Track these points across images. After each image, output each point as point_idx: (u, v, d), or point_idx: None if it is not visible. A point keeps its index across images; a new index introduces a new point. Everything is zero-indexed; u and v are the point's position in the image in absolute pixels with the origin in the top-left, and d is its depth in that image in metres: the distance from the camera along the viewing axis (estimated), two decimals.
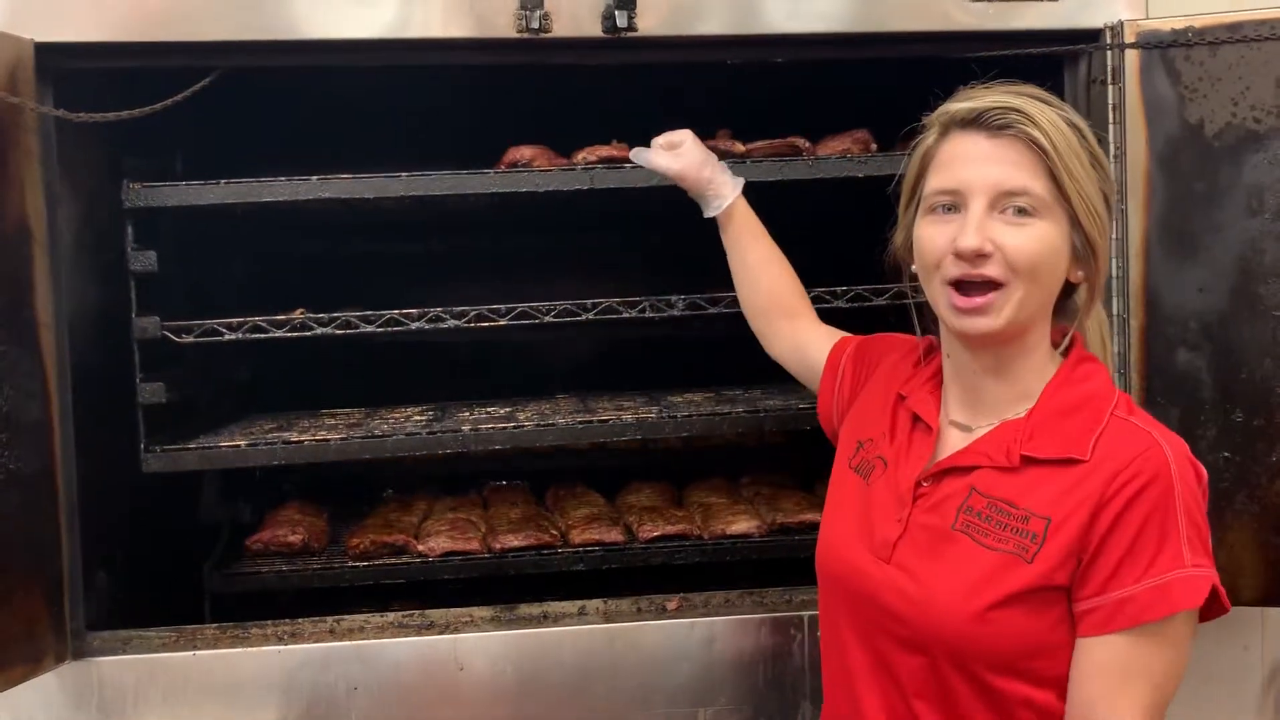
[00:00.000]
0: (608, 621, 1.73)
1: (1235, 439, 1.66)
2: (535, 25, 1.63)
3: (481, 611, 1.73)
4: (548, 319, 1.85)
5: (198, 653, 1.67)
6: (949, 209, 1.21)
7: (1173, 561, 1.12)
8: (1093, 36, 1.72)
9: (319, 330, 1.81)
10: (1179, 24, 1.66)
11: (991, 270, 1.17)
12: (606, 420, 1.90)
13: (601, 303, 1.85)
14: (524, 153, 1.85)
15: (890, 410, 1.37)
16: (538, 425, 1.87)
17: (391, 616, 1.73)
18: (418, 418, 2.07)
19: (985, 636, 1.16)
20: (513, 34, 1.64)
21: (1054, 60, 1.75)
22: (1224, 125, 1.65)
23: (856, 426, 1.43)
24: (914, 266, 1.29)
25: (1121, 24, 1.69)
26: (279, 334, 1.81)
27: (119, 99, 1.63)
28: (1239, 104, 1.65)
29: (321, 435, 1.85)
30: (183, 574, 2.04)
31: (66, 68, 1.61)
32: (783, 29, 1.70)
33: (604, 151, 1.85)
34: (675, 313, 1.88)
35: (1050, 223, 1.18)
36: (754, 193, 1.70)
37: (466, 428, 1.85)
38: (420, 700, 1.68)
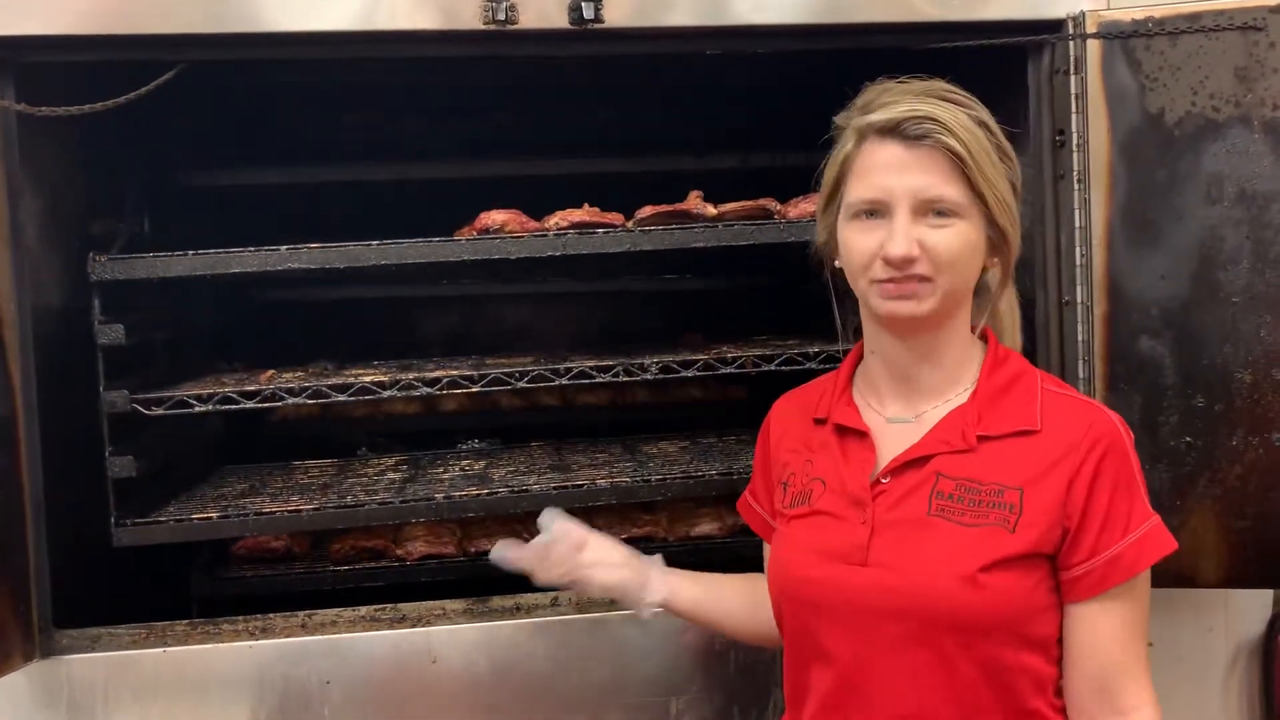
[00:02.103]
0: (580, 612, 1.73)
1: (1197, 424, 1.69)
2: (501, 17, 1.62)
3: (454, 604, 1.73)
4: (521, 384, 1.86)
5: (168, 649, 1.66)
6: (872, 214, 1.26)
7: (1143, 515, 1.24)
8: (1055, 27, 1.73)
9: (290, 400, 1.81)
10: (1139, 14, 1.68)
11: (920, 269, 1.23)
12: (581, 485, 1.92)
13: (574, 367, 1.87)
14: (495, 218, 1.86)
15: (804, 441, 1.41)
16: (511, 492, 1.87)
17: (364, 610, 1.72)
18: (392, 475, 2.10)
19: (980, 601, 1.20)
20: (479, 25, 1.63)
21: (1018, 50, 1.76)
22: (1184, 114, 1.67)
23: (777, 483, 1.45)
24: (837, 262, 1.34)
25: (1083, 14, 1.70)
26: (250, 405, 1.80)
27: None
28: (1198, 93, 1.67)
29: (294, 504, 1.85)
30: (169, 579, 2.05)
31: (26, 61, 1.59)
32: (750, 20, 1.70)
33: (576, 216, 1.86)
34: (648, 376, 1.88)
35: (968, 221, 1.25)
36: (726, 252, 1.76)
37: (440, 495, 1.85)
38: (393, 693, 1.68)
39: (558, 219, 1.86)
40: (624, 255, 1.84)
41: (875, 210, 1.26)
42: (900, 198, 1.23)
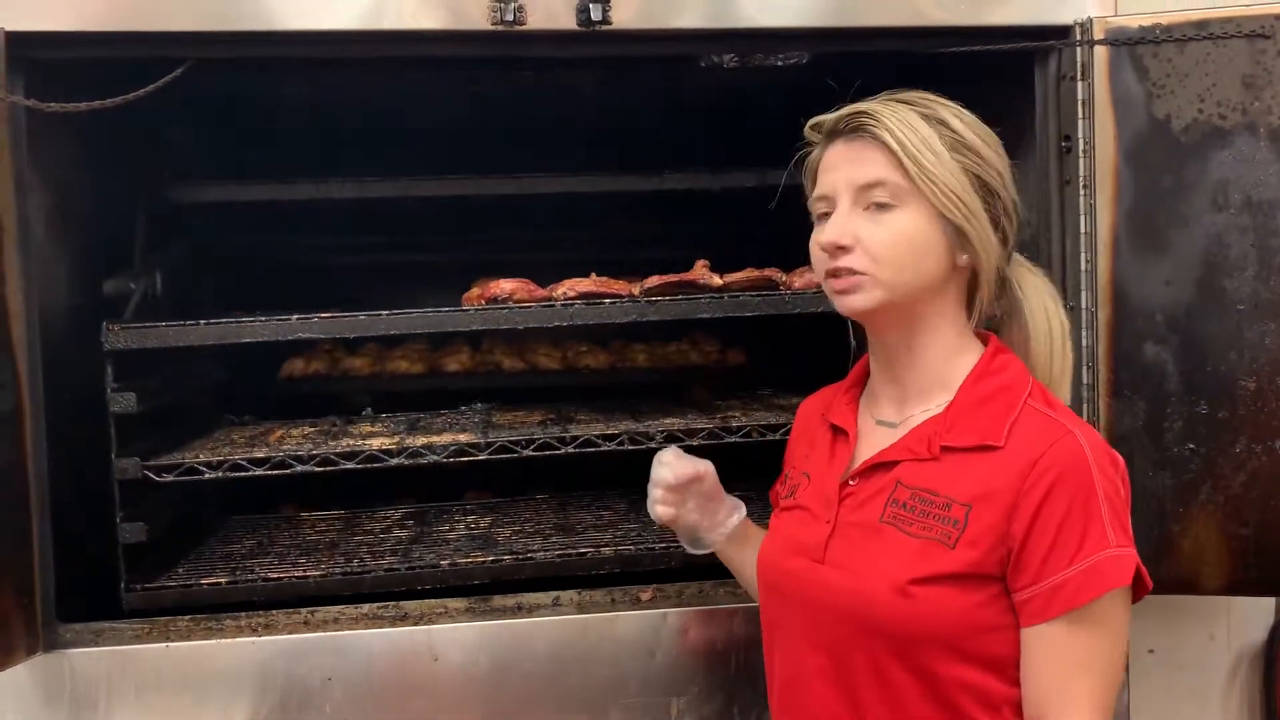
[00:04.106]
0: (581, 612, 1.74)
1: (1200, 431, 1.69)
2: (510, 17, 1.62)
3: (456, 603, 1.74)
4: (527, 452, 1.87)
5: (171, 644, 1.67)
6: (826, 215, 1.29)
7: (1098, 544, 1.16)
8: (1063, 33, 1.73)
9: (298, 468, 1.82)
10: (1147, 21, 1.68)
11: (852, 262, 1.25)
12: (585, 553, 1.91)
13: (580, 436, 1.88)
14: (504, 287, 1.88)
15: (810, 436, 1.44)
16: (516, 559, 1.88)
17: (366, 608, 1.73)
18: (399, 532, 2.12)
19: (913, 614, 1.19)
20: (486, 26, 1.64)
21: (1025, 56, 1.76)
22: (1191, 121, 1.67)
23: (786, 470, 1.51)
24: None
25: (1091, 20, 1.70)
26: (258, 472, 1.82)
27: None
28: (1205, 100, 1.67)
29: (302, 567, 1.87)
30: None
31: (37, 57, 1.60)
32: (757, 23, 1.70)
33: (584, 286, 1.88)
34: (653, 445, 1.85)
35: (912, 210, 1.24)
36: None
37: (445, 563, 1.87)
38: (394, 691, 1.69)
39: (565, 288, 1.88)
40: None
41: (827, 211, 1.29)
42: (841, 190, 1.27)
